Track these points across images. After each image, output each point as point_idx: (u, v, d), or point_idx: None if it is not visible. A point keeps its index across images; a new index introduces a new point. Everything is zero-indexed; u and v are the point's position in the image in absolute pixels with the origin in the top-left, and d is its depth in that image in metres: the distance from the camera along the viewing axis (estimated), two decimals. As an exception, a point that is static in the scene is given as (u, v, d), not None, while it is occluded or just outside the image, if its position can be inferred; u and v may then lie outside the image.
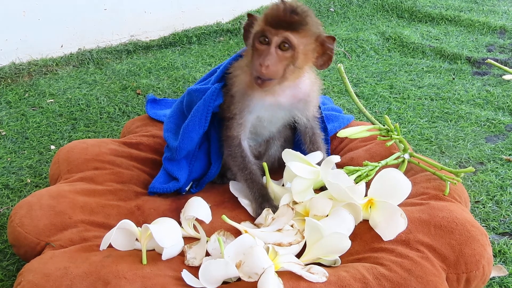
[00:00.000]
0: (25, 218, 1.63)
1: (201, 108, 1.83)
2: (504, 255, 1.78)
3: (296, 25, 1.65)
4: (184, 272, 1.44)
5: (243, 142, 1.85)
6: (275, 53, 1.66)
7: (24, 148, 2.51)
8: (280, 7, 1.65)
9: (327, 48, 1.73)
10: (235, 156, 1.85)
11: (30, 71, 3.27)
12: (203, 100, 1.83)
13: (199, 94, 1.87)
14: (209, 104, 1.83)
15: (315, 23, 1.70)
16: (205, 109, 1.83)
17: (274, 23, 1.65)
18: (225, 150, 1.88)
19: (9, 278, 1.72)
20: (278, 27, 1.65)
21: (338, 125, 2.12)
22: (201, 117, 1.83)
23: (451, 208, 1.61)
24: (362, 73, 3.33)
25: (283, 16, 1.64)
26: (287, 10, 1.64)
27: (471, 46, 3.70)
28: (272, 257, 1.45)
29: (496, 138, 2.53)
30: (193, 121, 1.85)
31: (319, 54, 1.74)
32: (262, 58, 1.66)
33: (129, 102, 2.96)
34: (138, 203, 1.84)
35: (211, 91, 1.83)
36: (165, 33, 3.91)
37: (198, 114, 1.84)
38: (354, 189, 1.58)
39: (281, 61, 1.67)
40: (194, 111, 1.85)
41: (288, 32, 1.65)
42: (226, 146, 1.87)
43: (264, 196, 1.79)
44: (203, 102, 1.83)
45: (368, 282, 1.39)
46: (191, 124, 1.85)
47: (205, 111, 1.83)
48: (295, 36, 1.65)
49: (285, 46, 1.66)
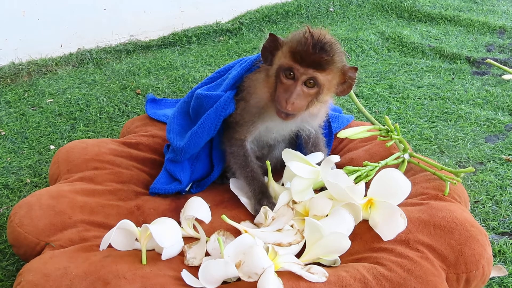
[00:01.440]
0: (24, 218, 1.63)
1: (212, 116, 1.83)
2: (503, 255, 1.78)
3: (325, 64, 1.63)
4: (184, 272, 1.44)
5: (247, 143, 1.86)
6: (301, 90, 1.66)
7: (24, 148, 2.51)
8: (309, 42, 1.61)
9: (349, 77, 1.72)
10: (238, 155, 1.86)
11: (30, 71, 3.27)
12: (215, 109, 1.83)
13: (210, 101, 1.85)
14: (221, 113, 1.82)
15: (340, 57, 1.68)
16: (216, 117, 1.82)
17: (302, 60, 1.63)
18: (227, 148, 1.89)
19: (9, 278, 1.72)
20: (306, 65, 1.63)
21: (338, 126, 2.13)
22: (211, 125, 1.83)
23: (451, 208, 1.61)
24: (362, 73, 3.33)
25: (312, 55, 1.61)
26: (316, 47, 1.61)
27: (471, 46, 3.70)
28: (272, 257, 1.45)
29: (496, 138, 2.53)
30: (203, 128, 1.84)
31: (340, 82, 1.73)
32: (288, 94, 1.65)
33: (128, 102, 2.96)
34: (137, 203, 1.83)
35: (224, 100, 1.82)
36: (164, 33, 3.91)
37: (209, 122, 1.83)
38: (354, 189, 1.58)
39: (306, 97, 1.68)
40: (205, 119, 1.84)
41: (316, 71, 1.63)
42: (229, 145, 1.88)
43: (264, 193, 1.79)
44: (214, 111, 1.83)
45: (368, 282, 1.39)
46: (200, 131, 1.85)
47: (216, 120, 1.83)
48: (322, 75, 1.64)
49: (310, 83, 1.66)
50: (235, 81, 1.86)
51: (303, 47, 1.62)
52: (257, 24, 4.15)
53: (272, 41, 1.72)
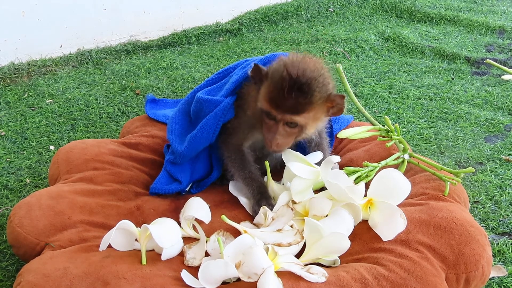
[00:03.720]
0: (24, 219, 1.63)
1: (211, 121, 1.83)
2: (503, 255, 1.78)
3: (302, 107, 1.61)
4: (184, 272, 1.44)
5: (244, 148, 1.87)
6: (283, 130, 1.66)
7: (24, 149, 2.51)
8: (284, 86, 1.58)
9: (337, 103, 1.69)
10: (235, 159, 1.86)
11: (29, 71, 3.27)
12: (214, 114, 1.82)
13: (210, 105, 1.85)
14: (220, 119, 1.82)
15: (323, 89, 1.63)
16: (215, 123, 1.82)
17: (278, 106, 1.62)
18: (225, 153, 1.89)
19: (9, 279, 1.72)
20: (283, 110, 1.62)
21: (338, 127, 2.12)
22: (209, 130, 1.83)
23: (451, 208, 1.61)
24: (361, 73, 3.33)
25: (288, 99, 1.59)
26: (292, 91, 1.57)
27: (470, 46, 3.71)
28: (272, 257, 1.45)
29: (495, 138, 2.53)
30: (201, 133, 1.84)
31: (330, 106, 1.70)
32: (271, 135, 1.66)
33: (128, 102, 2.96)
34: (137, 203, 1.83)
35: (223, 106, 1.82)
36: (164, 33, 3.91)
37: (207, 127, 1.83)
38: (354, 189, 1.58)
39: (289, 135, 1.69)
40: (203, 124, 1.84)
41: (294, 115, 1.62)
42: (226, 150, 1.88)
43: (262, 194, 1.79)
44: (213, 116, 1.82)
45: (367, 282, 1.39)
46: (198, 136, 1.85)
47: (215, 125, 1.82)
48: (301, 117, 1.63)
49: (292, 124, 1.66)
50: (235, 87, 1.85)
51: (279, 92, 1.59)
52: (257, 24, 4.15)
53: (256, 71, 1.70)
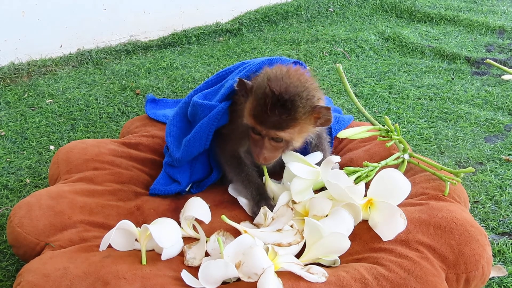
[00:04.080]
0: (24, 219, 1.63)
1: (204, 126, 1.82)
2: (503, 255, 1.78)
3: (286, 123, 1.61)
4: (184, 272, 1.44)
5: (240, 153, 1.87)
6: (269, 145, 1.68)
7: (24, 149, 2.51)
8: (268, 101, 1.58)
9: (323, 115, 1.69)
10: (232, 163, 1.87)
11: (29, 71, 3.27)
12: (208, 119, 1.82)
13: (205, 110, 1.85)
14: (213, 123, 1.82)
15: (308, 103, 1.63)
16: (208, 127, 1.82)
17: (262, 123, 1.62)
18: (222, 159, 1.90)
19: (9, 279, 1.72)
20: (267, 127, 1.63)
21: (339, 128, 2.12)
22: (202, 135, 1.83)
23: (451, 208, 1.61)
24: (361, 73, 3.33)
25: (271, 116, 1.59)
26: (274, 107, 1.58)
27: (470, 46, 3.71)
28: (272, 257, 1.45)
29: (495, 138, 2.53)
30: (195, 138, 1.84)
31: (317, 117, 1.69)
32: (258, 150, 1.68)
33: (128, 102, 2.96)
34: (137, 203, 1.83)
35: (217, 111, 1.81)
36: (164, 33, 3.91)
37: (200, 132, 1.83)
38: (354, 189, 1.58)
39: (276, 149, 1.70)
40: (197, 128, 1.84)
41: (278, 131, 1.63)
42: (223, 156, 1.89)
43: (261, 195, 1.79)
44: (207, 121, 1.82)
45: (367, 282, 1.39)
46: (192, 140, 1.85)
47: (207, 130, 1.82)
48: (286, 132, 1.64)
49: (277, 139, 1.67)
50: (230, 92, 1.84)
51: (262, 109, 1.60)
52: (257, 24, 4.15)
53: (241, 86, 1.71)
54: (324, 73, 3.32)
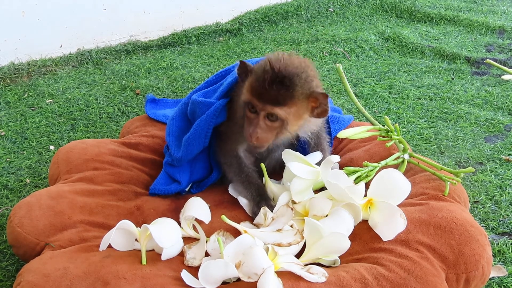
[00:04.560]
0: (24, 219, 1.63)
1: (203, 123, 1.82)
2: (503, 255, 1.78)
3: (283, 99, 1.61)
4: (184, 273, 1.44)
5: (240, 153, 1.86)
6: (264, 123, 1.65)
7: (24, 149, 2.51)
8: (266, 77, 1.58)
9: (320, 102, 1.69)
10: (231, 164, 1.86)
11: (29, 71, 3.27)
12: (206, 116, 1.82)
13: (203, 107, 1.85)
14: (211, 120, 1.81)
15: (305, 85, 1.63)
16: (206, 125, 1.82)
17: (260, 97, 1.62)
18: (221, 159, 1.89)
19: (9, 279, 1.72)
20: (264, 101, 1.62)
21: (339, 127, 2.12)
22: (201, 132, 1.83)
23: (451, 208, 1.61)
24: (361, 73, 3.33)
25: (269, 91, 1.59)
26: (274, 83, 1.58)
27: (470, 46, 3.71)
28: (272, 257, 1.45)
29: (495, 138, 2.53)
30: (194, 136, 1.84)
31: (315, 105, 1.70)
32: (252, 128, 1.65)
33: (128, 102, 2.96)
34: (137, 203, 1.83)
35: (215, 107, 1.81)
36: (164, 33, 3.91)
37: (199, 129, 1.83)
38: (354, 189, 1.58)
39: (270, 130, 1.67)
40: (196, 126, 1.84)
41: (275, 107, 1.62)
42: (222, 156, 1.89)
43: (262, 196, 1.79)
44: (205, 118, 1.82)
45: (367, 282, 1.39)
46: (191, 138, 1.85)
47: (206, 127, 1.82)
48: (282, 110, 1.62)
49: (273, 117, 1.65)
50: (228, 89, 1.85)
51: (261, 83, 1.60)
52: (257, 24, 4.15)
53: (242, 68, 1.72)
54: (324, 73, 3.32)
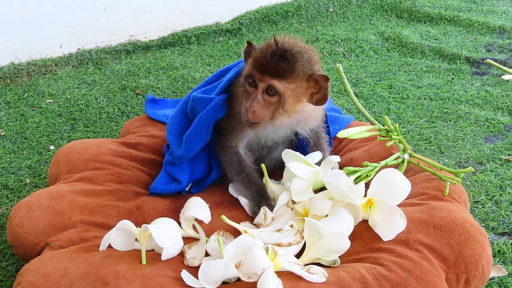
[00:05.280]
0: (24, 219, 1.63)
1: (203, 119, 1.82)
2: (503, 255, 1.78)
3: (283, 72, 1.61)
4: (184, 272, 1.44)
5: (240, 150, 1.86)
6: (261, 98, 1.65)
7: (23, 148, 2.51)
8: (269, 50, 1.60)
9: (321, 86, 1.69)
10: (232, 162, 1.86)
11: (29, 71, 3.27)
12: (206, 111, 1.82)
13: (203, 103, 1.85)
14: (211, 116, 1.81)
15: (307, 65, 1.65)
16: (206, 120, 1.82)
17: (261, 68, 1.62)
18: (222, 157, 1.89)
19: (8, 279, 1.72)
20: (264, 72, 1.62)
21: (339, 127, 2.12)
22: (202, 128, 1.83)
23: (451, 208, 1.61)
24: (361, 73, 3.33)
25: (269, 62, 1.60)
26: (275, 55, 1.59)
27: (470, 46, 3.71)
28: (272, 257, 1.45)
29: (495, 138, 2.53)
30: (195, 132, 1.84)
31: (314, 91, 1.70)
32: (249, 102, 1.65)
33: (128, 102, 2.96)
34: (137, 203, 1.83)
35: (214, 103, 1.81)
36: (164, 33, 3.91)
37: (200, 125, 1.83)
38: (354, 189, 1.58)
39: (268, 106, 1.66)
40: (196, 122, 1.84)
41: (273, 79, 1.62)
42: (223, 154, 1.88)
43: (262, 196, 1.79)
44: (205, 113, 1.82)
45: (367, 282, 1.39)
46: (192, 135, 1.85)
47: (207, 123, 1.82)
48: (281, 83, 1.62)
49: (271, 91, 1.64)
50: (228, 85, 1.85)
51: (262, 56, 1.62)
52: (257, 24, 4.15)
53: (248, 48, 1.72)
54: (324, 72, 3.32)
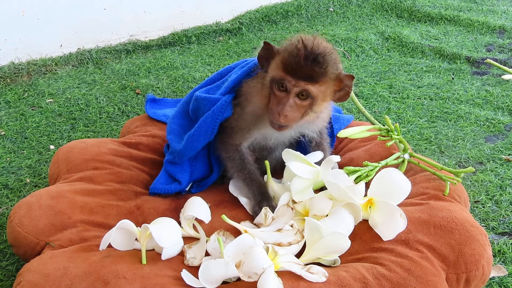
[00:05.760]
0: (24, 218, 1.63)
1: (209, 119, 1.82)
2: (503, 255, 1.78)
3: (316, 76, 1.61)
4: (184, 272, 1.44)
5: (242, 148, 1.86)
6: (293, 101, 1.64)
7: (24, 148, 2.51)
8: (301, 53, 1.59)
9: (345, 85, 1.69)
10: (233, 158, 1.86)
11: (29, 70, 3.27)
12: (212, 112, 1.82)
13: (208, 103, 1.85)
14: (218, 116, 1.81)
15: (334, 66, 1.65)
16: (213, 121, 1.82)
17: (294, 72, 1.61)
18: (223, 153, 1.89)
19: (9, 278, 1.72)
20: (298, 77, 1.61)
21: (339, 127, 2.12)
22: (207, 128, 1.83)
23: (451, 208, 1.61)
24: (362, 73, 3.33)
25: (303, 67, 1.59)
26: (308, 59, 1.58)
27: (471, 45, 3.70)
28: (272, 257, 1.45)
29: (496, 138, 2.53)
30: (199, 132, 1.84)
31: (337, 89, 1.70)
32: (281, 107, 1.63)
33: (128, 101, 2.96)
34: (137, 203, 1.83)
35: (221, 103, 1.81)
36: (164, 33, 3.91)
37: (205, 126, 1.83)
38: (354, 189, 1.58)
39: (299, 109, 1.66)
40: (202, 122, 1.84)
41: (308, 84, 1.61)
42: (224, 151, 1.88)
43: (263, 195, 1.79)
44: (211, 114, 1.82)
45: (367, 282, 1.39)
46: (196, 134, 1.84)
47: (213, 123, 1.82)
48: (314, 87, 1.62)
49: (303, 95, 1.64)
50: (234, 85, 1.85)
51: (294, 59, 1.60)
52: (257, 24, 4.15)
53: (266, 50, 1.71)
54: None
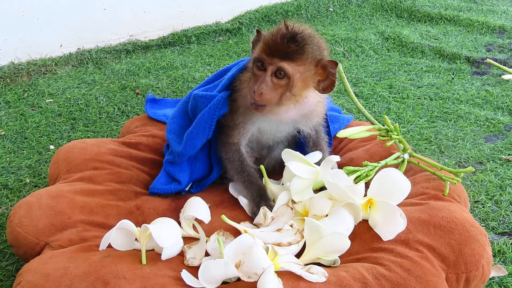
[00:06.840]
0: (24, 218, 1.63)
1: (206, 116, 1.83)
2: (503, 255, 1.78)
3: (292, 54, 1.62)
4: (184, 272, 1.44)
5: (242, 148, 1.86)
6: (270, 80, 1.65)
7: (23, 148, 2.51)
8: (279, 33, 1.61)
9: (329, 72, 1.69)
10: (233, 160, 1.86)
11: (29, 71, 3.27)
12: (209, 108, 1.82)
13: (205, 101, 1.85)
14: (214, 112, 1.82)
15: (316, 49, 1.65)
16: (209, 117, 1.82)
17: (270, 51, 1.63)
18: (223, 154, 1.89)
19: (8, 278, 1.72)
20: (274, 55, 1.63)
21: (338, 127, 2.12)
22: (205, 125, 1.83)
23: (451, 208, 1.61)
24: (361, 73, 3.33)
25: (279, 45, 1.61)
26: (285, 38, 1.60)
27: (470, 45, 3.71)
28: (272, 257, 1.45)
29: (496, 137, 2.53)
30: (197, 129, 1.84)
31: (321, 78, 1.70)
32: (257, 85, 1.65)
33: (128, 102, 2.96)
34: (137, 203, 1.83)
35: (217, 100, 1.82)
36: (164, 33, 3.91)
37: (203, 122, 1.83)
38: (354, 189, 1.58)
39: (276, 88, 1.66)
40: (199, 119, 1.84)
41: (283, 61, 1.62)
42: (224, 151, 1.88)
43: (262, 196, 1.79)
44: (208, 110, 1.82)
45: (367, 282, 1.39)
46: (194, 132, 1.85)
47: (210, 120, 1.82)
48: (290, 65, 1.63)
49: (280, 74, 1.65)
50: (230, 82, 1.85)
51: (272, 37, 1.63)
52: (257, 24, 4.15)
53: (258, 38, 1.73)
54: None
